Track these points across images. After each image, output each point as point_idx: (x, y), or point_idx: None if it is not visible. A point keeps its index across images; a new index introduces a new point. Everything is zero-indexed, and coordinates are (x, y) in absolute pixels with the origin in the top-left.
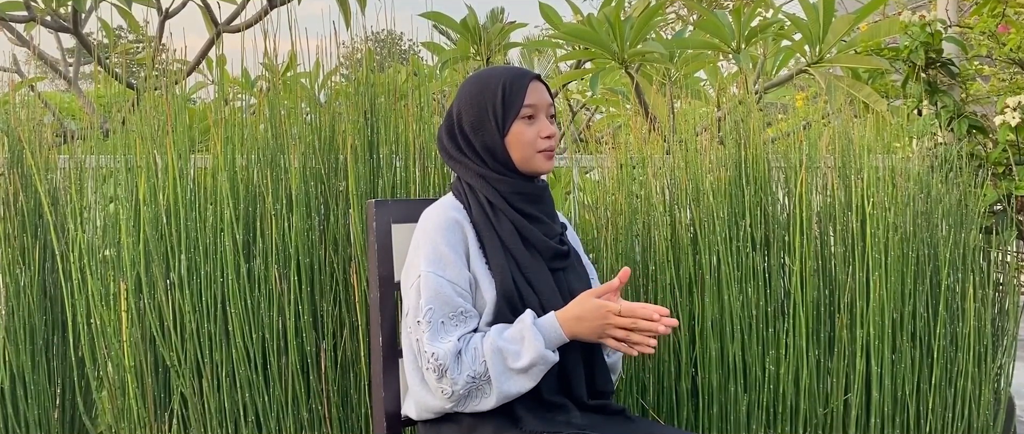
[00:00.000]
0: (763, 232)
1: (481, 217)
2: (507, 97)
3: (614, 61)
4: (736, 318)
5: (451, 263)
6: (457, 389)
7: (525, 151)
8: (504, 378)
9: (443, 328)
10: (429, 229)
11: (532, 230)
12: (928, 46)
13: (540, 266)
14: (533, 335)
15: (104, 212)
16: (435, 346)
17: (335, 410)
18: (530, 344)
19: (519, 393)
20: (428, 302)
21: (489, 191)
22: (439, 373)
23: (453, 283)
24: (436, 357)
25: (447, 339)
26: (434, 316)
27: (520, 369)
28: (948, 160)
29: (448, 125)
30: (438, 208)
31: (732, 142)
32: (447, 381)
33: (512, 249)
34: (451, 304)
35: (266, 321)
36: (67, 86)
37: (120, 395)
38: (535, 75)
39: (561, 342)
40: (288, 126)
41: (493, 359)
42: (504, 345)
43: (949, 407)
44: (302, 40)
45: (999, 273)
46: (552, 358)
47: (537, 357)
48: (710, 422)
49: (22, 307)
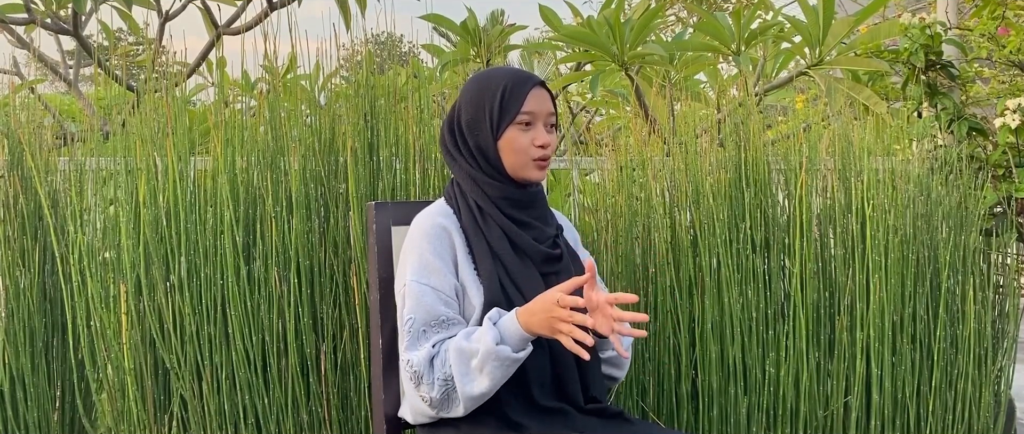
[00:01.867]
0: (763, 234)
1: (470, 222)
2: (505, 101)
3: (614, 63)
4: (736, 320)
5: (436, 271)
6: (433, 395)
7: (517, 158)
8: (466, 379)
9: (423, 336)
10: (416, 236)
11: (521, 235)
12: (928, 48)
13: (530, 272)
14: (487, 330)
15: (104, 214)
16: (410, 354)
17: (335, 412)
18: (483, 339)
19: (482, 394)
20: (410, 311)
21: (479, 195)
22: (416, 381)
23: (437, 290)
24: (411, 364)
25: (422, 346)
26: (415, 325)
27: (477, 367)
28: (948, 162)
29: (450, 120)
30: (427, 214)
31: (732, 144)
32: (424, 388)
33: (501, 255)
34: (433, 312)
35: (266, 323)
36: (67, 88)
37: (120, 397)
38: (539, 82)
39: (522, 337)
40: (288, 128)
41: (456, 359)
42: (467, 345)
43: (949, 409)
44: (302, 42)
45: (999, 275)
46: (507, 353)
47: (487, 352)
48: (710, 424)
49: (22, 309)
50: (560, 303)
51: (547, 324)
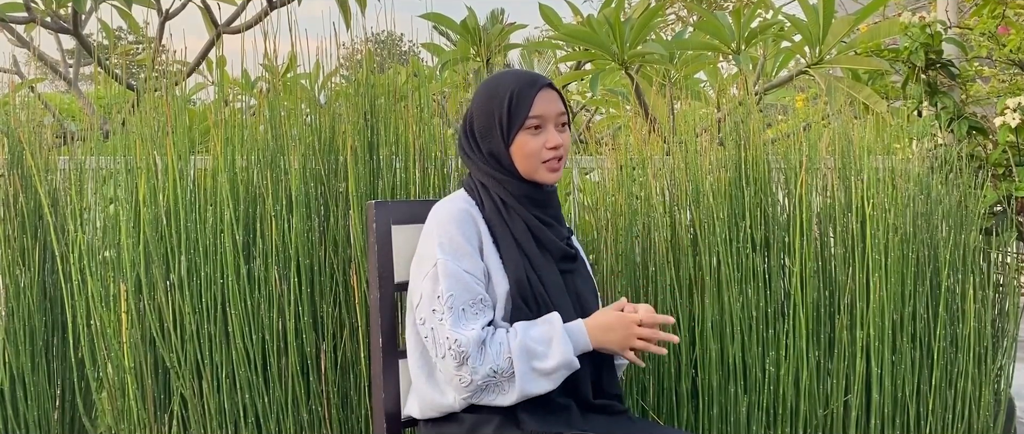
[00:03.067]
0: (763, 233)
1: (494, 214)
2: (513, 108)
3: (614, 62)
4: (736, 319)
5: (467, 254)
6: (476, 379)
7: (529, 162)
8: (528, 378)
9: (465, 315)
10: (443, 220)
11: (543, 230)
12: (928, 47)
13: (551, 265)
14: (562, 339)
15: (104, 213)
16: (458, 332)
17: (335, 411)
18: (558, 348)
19: (539, 394)
20: (449, 288)
21: (501, 191)
22: (460, 360)
23: (470, 272)
24: (459, 343)
25: (470, 326)
26: (455, 302)
27: (545, 371)
28: (948, 161)
29: (465, 124)
30: (450, 201)
31: (732, 143)
32: (467, 369)
33: (524, 246)
34: (471, 291)
35: (266, 322)
36: (67, 87)
37: (120, 396)
38: (546, 83)
39: (586, 350)
40: (288, 127)
41: (520, 357)
42: (532, 345)
43: (949, 408)
44: (302, 41)
45: (999, 274)
46: (576, 365)
47: (564, 362)
48: (710, 423)
49: (22, 308)
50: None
51: (624, 341)
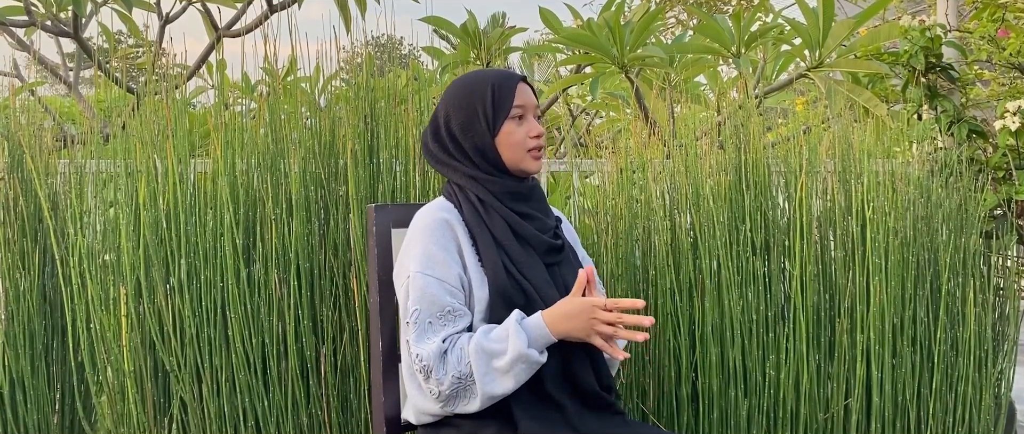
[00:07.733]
0: (763, 237)
1: (472, 215)
2: (497, 98)
3: (614, 65)
4: (736, 323)
5: (440, 262)
6: (443, 390)
7: (515, 151)
8: (488, 378)
9: (430, 328)
10: (418, 230)
11: (524, 225)
12: (928, 50)
13: (534, 260)
14: (516, 333)
15: (104, 216)
16: (420, 347)
17: (335, 415)
18: (512, 342)
19: (503, 394)
20: (415, 303)
21: (479, 190)
22: (425, 374)
23: (442, 281)
24: (421, 358)
25: (432, 340)
26: (421, 317)
27: (502, 368)
28: (948, 165)
29: (434, 128)
30: (427, 210)
31: (732, 146)
32: (433, 381)
33: (504, 244)
34: (438, 304)
35: (266, 326)
36: (67, 90)
37: (120, 400)
38: (521, 77)
39: (547, 341)
40: (288, 130)
41: (477, 359)
42: (488, 345)
43: (950, 412)
44: (302, 44)
45: (999, 278)
46: (536, 357)
47: (517, 355)
48: (710, 427)
49: (22, 312)
50: (607, 307)
51: (586, 327)
